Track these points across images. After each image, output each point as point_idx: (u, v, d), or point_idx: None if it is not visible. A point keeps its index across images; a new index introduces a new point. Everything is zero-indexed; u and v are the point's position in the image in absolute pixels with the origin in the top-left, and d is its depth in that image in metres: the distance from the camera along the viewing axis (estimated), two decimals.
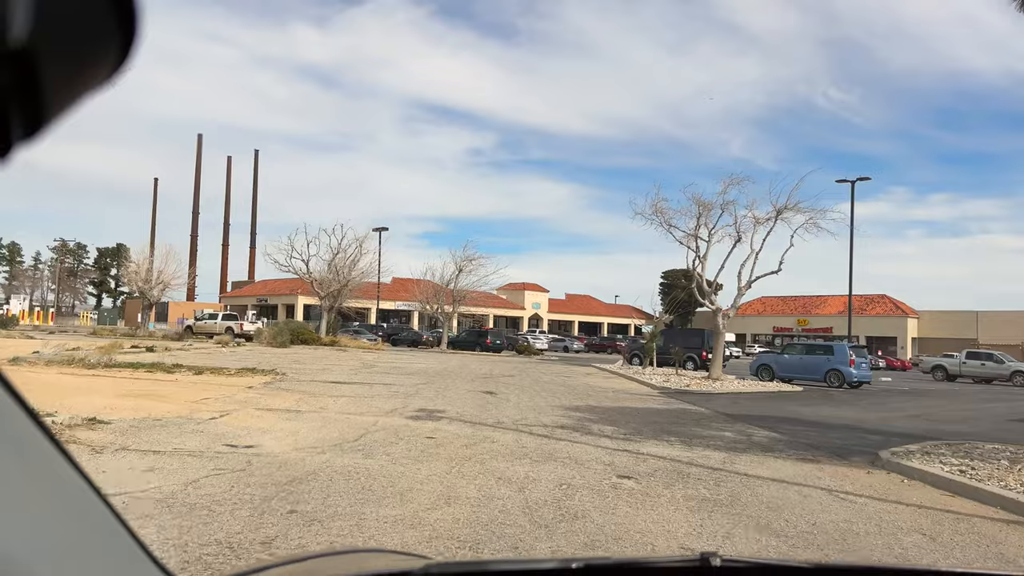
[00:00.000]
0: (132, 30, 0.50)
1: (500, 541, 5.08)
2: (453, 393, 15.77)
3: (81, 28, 0.48)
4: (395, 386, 16.63)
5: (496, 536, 5.20)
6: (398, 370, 22.49)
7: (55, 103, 0.49)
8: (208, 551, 4.49)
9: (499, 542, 5.06)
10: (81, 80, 0.50)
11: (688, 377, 24.21)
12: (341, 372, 20.28)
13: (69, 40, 0.48)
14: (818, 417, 15.49)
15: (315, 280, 40.53)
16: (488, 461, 7.95)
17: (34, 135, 0.49)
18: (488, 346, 46.98)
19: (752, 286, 23.52)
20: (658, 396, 18.56)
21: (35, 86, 0.47)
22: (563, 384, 20.79)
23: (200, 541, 4.68)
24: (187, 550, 4.49)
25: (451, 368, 25.55)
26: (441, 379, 19.77)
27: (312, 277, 40.58)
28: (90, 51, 0.50)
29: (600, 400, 16.45)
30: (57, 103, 0.49)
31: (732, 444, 10.54)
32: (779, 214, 23.09)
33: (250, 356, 25.83)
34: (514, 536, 5.22)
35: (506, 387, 18.33)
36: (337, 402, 12.90)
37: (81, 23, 0.48)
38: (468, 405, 13.58)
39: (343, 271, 39.87)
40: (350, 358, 28.31)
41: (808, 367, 27.01)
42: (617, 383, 22.72)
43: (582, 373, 27.48)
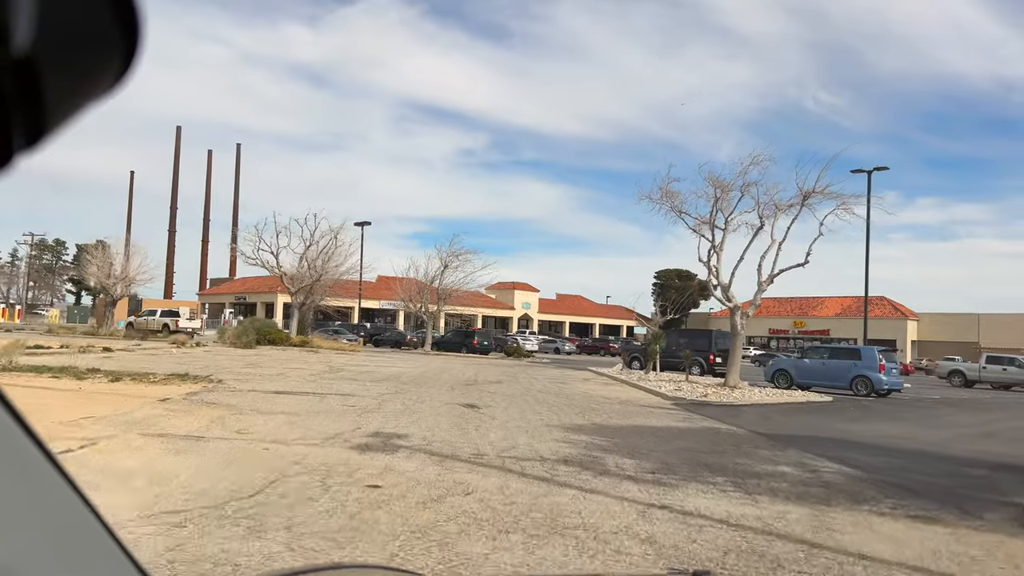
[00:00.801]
0: (135, 39, 0.50)
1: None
2: (426, 407, 12.68)
3: (84, 37, 0.48)
4: (355, 397, 13.52)
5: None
6: (367, 375, 19.37)
7: (57, 112, 0.48)
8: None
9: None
10: (83, 89, 0.50)
11: (701, 384, 21.24)
12: (297, 379, 17.15)
13: (72, 49, 0.48)
14: (875, 438, 12.53)
15: (285, 274, 37.19)
16: (456, 541, 4.87)
17: (36, 143, 0.49)
18: (475, 347, 43.85)
19: (774, 280, 20.59)
20: (674, 409, 15.54)
21: (37, 95, 0.46)
22: (559, 393, 17.74)
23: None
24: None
25: (430, 372, 22.45)
26: (415, 387, 16.67)
27: (282, 271, 37.23)
28: (93, 60, 0.50)
29: (607, 416, 13.41)
30: (59, 112, 0.49)
31: (802, 488, 7.52)
32: (805, 199, 20.16)
33: (200, 359, 22.64)
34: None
35: (492, 397, 15.26)
36: (268, 422, 9.79)
37: (84, 32, 0.48)
38: (441, 425, 10.50)
39: (316, 265, 36.51)
40: (318, 361, 25.15)
41: (832, 373, 24.11)
42: (621, 391, 19.70)
43: (578, 379, 24.45)
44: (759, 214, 20.16)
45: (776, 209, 20.39)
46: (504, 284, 78.47)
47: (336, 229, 36.86)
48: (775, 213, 20.44)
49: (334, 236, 36.77)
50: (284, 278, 37.13)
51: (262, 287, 75.29)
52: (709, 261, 20.81)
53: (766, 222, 20.15)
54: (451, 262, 44.92)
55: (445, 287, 45.08)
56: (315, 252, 36.56)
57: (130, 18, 0.49)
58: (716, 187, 20.09)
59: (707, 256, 20.88)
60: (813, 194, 20.07)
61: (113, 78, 0.51)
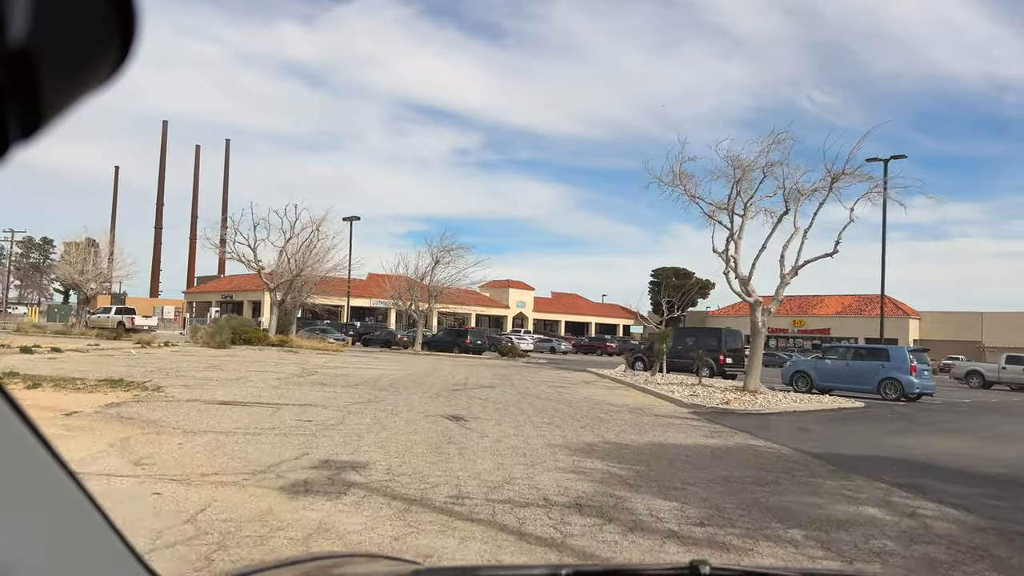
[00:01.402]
0: (131, 31, 0.50)
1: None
2: (400, 421, 10.42)
3: (80, 29, 0.48)
4: (317, 408, 11.24)
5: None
6: (341, 379, 17.09)
7: (53, 104, 0.48)
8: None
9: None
10: (80, 81, 0.50)
11: (717, 389, 19.03)
12: (259, 384, 14.86)
13: (68, 41, 0.48)
14: (941, 457, 10.35)
15: (262, 268, 34.72)
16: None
17: (32, 135, 0.48)
18: (468, 347, 41.54)
19: (798, 273, 18.39)
20: (695, 420, 13.31)
21: (33, 86, 0.46)
22: (559, 399, 15.50)
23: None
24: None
25: (416, 375, 20.19)
26: (394, 393, 14.40)
27: (260, 265, 34.77)
28: (89, 52, 0.50)
29: (619, 429, 11.17)
30: (55, 104, 0.48)
31: (919, 548, 5.30)
32: (834, 181, 17.97)
33: (157, 360, 20.32)
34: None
35: (483, 406, 13.01)
36: (185, 447, 7.52)
37: (80, 24, 0.48)
38: (416, 447, 8.25)
39: (297, 259, 34.06)
40: (293, 362, 22.84)
41: (856, 375, 21.93)
42: (628, 396, 17.48)
43: (579, 381, 22.21)
44: (784, 197, 17.98)
45: (799, 194, 18.21)
46: (499, 282, 76.26)
47: (318, 221, 34.34)
48: (798, 198, 18.26)
49: (316, 228, 34.31)
50: (262, 273, 34.71)
51: (249, 285, 72.78)
52: (727, 251, 18.59)
53: (791, 206, 17.95)
54: (442, 257, 42.60)
55: (436, 284, 42.75)
56: (296, 246, 34.07)
57: (126, 9, 0.49)
58: (736, 167, 17.89)
59: (725, 245, 18.67)
60: (843, 176, 17.88)
61: (109, 69, 0.51)
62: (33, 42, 0.44)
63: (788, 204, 18.01)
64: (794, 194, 18.16)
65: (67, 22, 0.47)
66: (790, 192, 17.94)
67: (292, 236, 34.02)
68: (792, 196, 18.01)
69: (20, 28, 0.43)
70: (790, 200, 17.96)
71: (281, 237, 34.36)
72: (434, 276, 42.89)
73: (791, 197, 17.95)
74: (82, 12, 0.48)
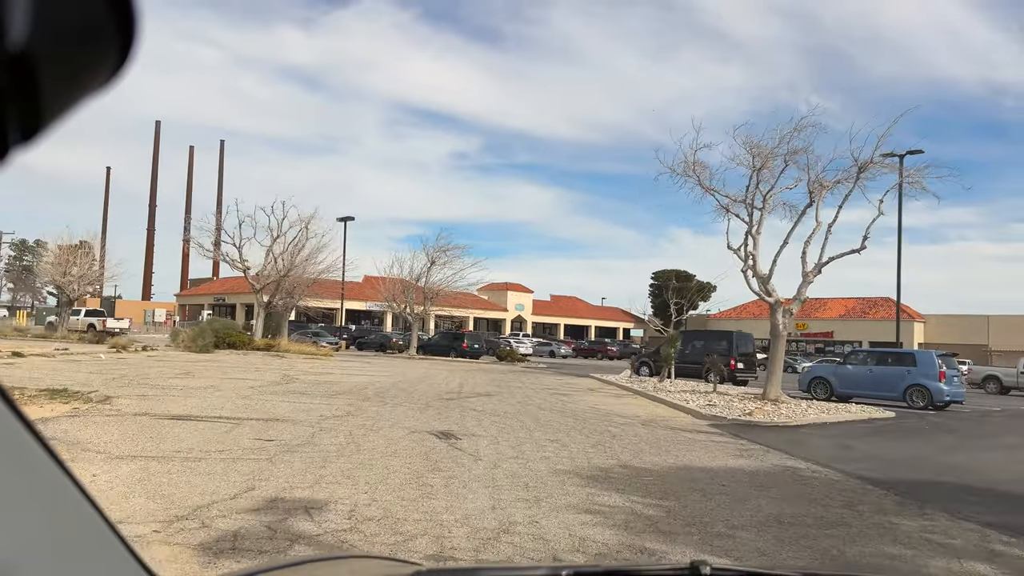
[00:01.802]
0: (131, 34, 0.50)
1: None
2: (379, 440, 8.86)
3: (80, 32, 0.48)
4: (284, 424, 9.68)
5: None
6: (323, 388, 15.54)
7: (53, 106, 0.48)
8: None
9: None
10: (79, 84, 0.50)
11: (735, 397, 17.48)
12: (229, 394, 13.32)
13: (68, 44, 0.47)
14: (1013, 482, 8.85)
15: (248, 269, 33.09)
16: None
17: (31, 138, 0.48)
18: (464, 351, 39.98)
19: (822, 271, 16.86)
20: (718, 435, 11.77)
21: (33, 89, 0.46)
22: (564, 410, 13.96)
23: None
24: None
25: (407, 382, 18.65)
26: (378, 404, 12.85)
27: (246, 265, 33.13)
28: (88, 55, 0.49)
29: (636, 448, 9.62)
30: (55, 106, 0.48)
31: None
32: (860, 171, 16.46)
33: (126, 367, 18.76)
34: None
35: (478, 420, 11.47)
36: (100, 478, 5.95)
37: (80, 27, 0.48)
38: (392, 478, 6.70)
39: (284, 259, 32.44)
40: (275, 368, 21.29)
41: (880, 382, 20.41)
42: (638, 406, 15.94)
43: (583, 388, 20.68)
44: (808, 187, 16.41)
45: (821, 186, 16.68)
46: (496, 285, 74.74)
47: (307, 219, 32.65)
48: (821, 190, 16.73)
49: (304, 227, 32.64)
50: (248, 274, 33.08)
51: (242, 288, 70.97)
52: (745, 247, 17.03)
53: (815, 197, 16.37)
54: (438, 258, 41.02)
55: (432, 285, 41.17)
56: (283, 245, 32.44)
57: (126, 11, 0.49)
58: (755, 155, 16.38)
59: (743, 241, 17.11)
60: (871, 165, 16.37)
61: (109, 72, 0.50)
62: (33, 45, 0.44)
63: (812, 195, 16.46)
64: (817, 185, 16.64)
65: (67, 25, 0.46)
66: (814, 182, 16.40)
67: (280, 235, 32.43)
68: (816, 187, 16.48)
69: (20, 31, 0.43)
70: (815, 191, 16.41)
71: (268, 236, 32.70)
72: (430, 277, 41.34)
73: (815, 188, 16.40)
74: (82, 15, 0.47)
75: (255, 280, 33.01)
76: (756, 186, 16.96)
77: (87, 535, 0.73)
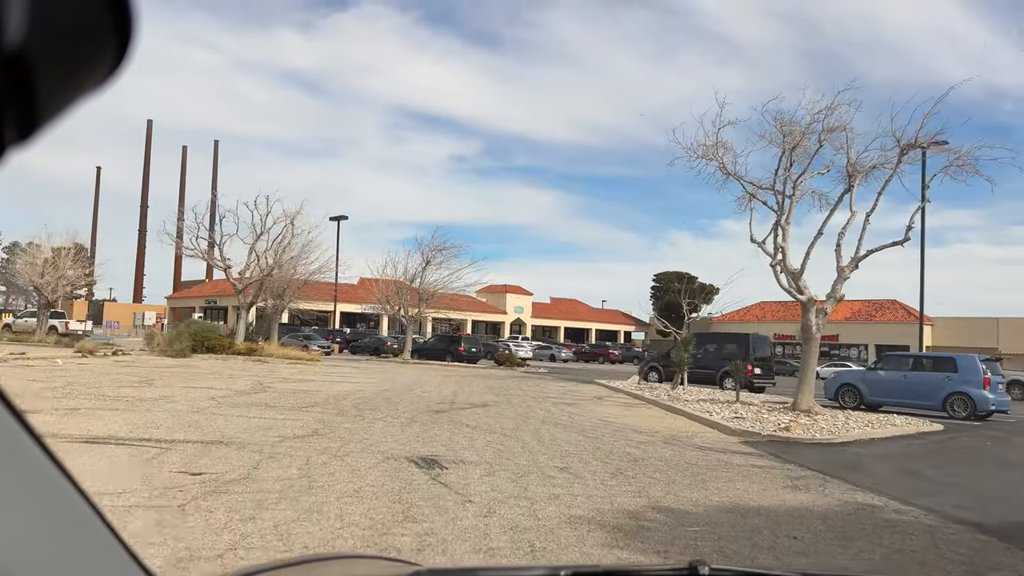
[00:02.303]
0: (127, 34, 0.50)
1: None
2: (342, 471, 6.95)
3: (76, 31, 0.48)
4: (226, 448, 7.76)
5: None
6: (295, 399, 13.63)
7: (49, 106, 0.48)
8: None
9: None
10: (76, 83, 0.50)
11: (761, 407, 15.56)
12: (181, 406, 11.42)
13: (64, 43, 0.47)
14: None
15: (229, 267, 31.14)
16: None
17: (28, 138, 0.49)
18: (461, 355, 38.02)
19: (859, 266, 14.98)
20: (758, 457, 9.85)
21: (29, 89, 0.46)
22: (571, 424, 12.07)
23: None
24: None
25: (394, 390, 16.75)
26: (354, 419, 10.95)
27: (227, 264, 31.20)
28: (85, 55, 0.49)
29: (666, 479, 7.72)
30: (51, 106, 0.49)
31: None
32: (903, 153, 14.60)
33: (81, 373, 16.85)
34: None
35: (470, 439, 9.57)
36: None
37: (76, 26, 0.48)
38: (339, 541, 4.80)
39: (268, 257, 30.51)
40: (250, 375, 19.39)
41: (916, 389, 18.51)
42: (655, 418, 14.04)
43: (589, 396, 18.78)
44: (847, 170, 14.51)
45: (855, 171, 14.80)
46: (495, 287, 72.87)
47: (292, 215, 30.64)
48: (858, 174, 14.85)
49: (290, 222, 30.65)
50: (228, 273, 31.13)
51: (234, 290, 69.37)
52: (775, 238, 15.13)
53: (854, 180, 14.46)
54: (434, 258, 39.13)
55: (427, 286, 39.25)
56: (267, 242, 30.49)
57: (122, 11, 0.49)
58: (786, 134, 14.51)
59: (772, 231, 15.21)
60: (915, 146, 14.52)
61: (106, 72, 0.50)
62: (29, 44, 0.44)
63: (852, 178, 14.56)
64: (855, 169, 14.77)
65: (63, 24, 0.46)
66: (852, 165, 14.51)
67: (263, 232, 30.47)
68: (854, 170, 14.59)
69: (16, 30, 0.43)
70: (854, 174, 14.51)
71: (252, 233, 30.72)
72: (425, 278, 39.44)
73: (854, 171, 14.51)
74: (78, 15, 0.47)
75: (237, 280, 31.03)
76: (788, 168, 15.06)
77: (85, 535, 0.72)
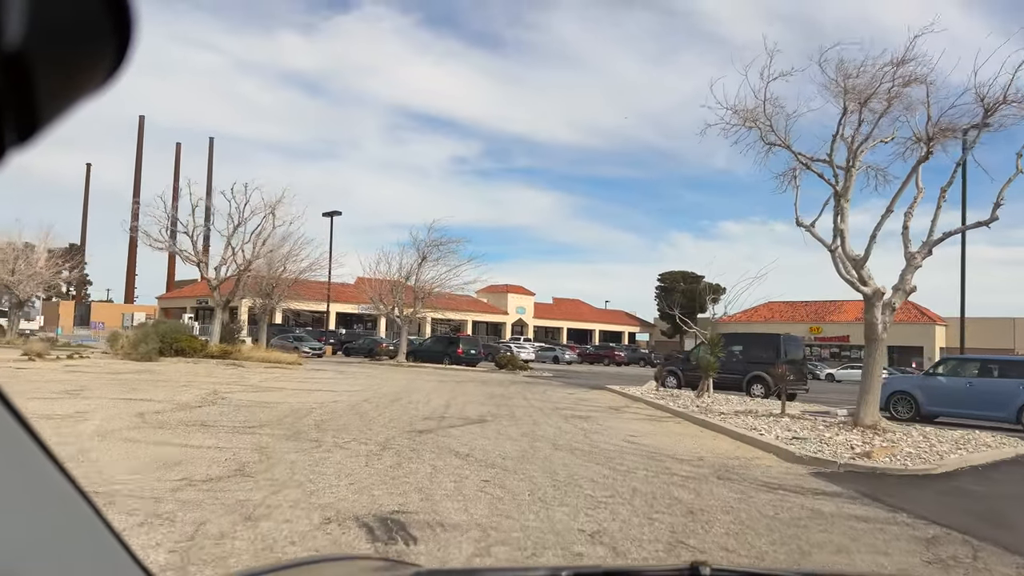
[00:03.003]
0: (127, 35, 0.50)
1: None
2: (242, 549, 4.36)
3: (76, 32, 0.48)
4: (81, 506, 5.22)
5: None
6: (248, 414, 11.01)
7: (49, 107, 0.48)
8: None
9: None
10: (76, 85, 0.50)
11: (814, 421, 12.92)
12: (89, 427, 8.82)
13: (64, 44, 0.47)
14: None
15: (202, 262, 28.50)
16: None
17: (28, 139, 0.48)
18: (459, 357, 35.43)
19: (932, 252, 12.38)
20: (857, 504, 7.22)
21: (29, 90, 0.46)
22: (592, 450, 9.44)
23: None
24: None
25: (376, 401, 14.15)
26: (307, 446, 8.32)
27: (200, 258, 28.56)
28: (85, 56, 0.49)
29: (750, 547, 5.12)
30: (51, 107, 0.48)
31: None
32: (988, 114, 12.01)
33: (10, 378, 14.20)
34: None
35: (458, 479, 6.96)
36: None
37: (76, 27, 0.48)
38: None
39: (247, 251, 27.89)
40: (213, 382, 16.79)
41: (983, 398, 15.91)
42: (689, 437, 11.42)
43: (604, 407, 16.16)
44: (927, 132, 11.85)
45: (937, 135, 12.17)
46: (496, 287, 70.34)
47: (272, 204, 28.01)
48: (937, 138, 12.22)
49: (270, 212, 28.02)
50: (202, 268, 28.49)
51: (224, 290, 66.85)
52: (835, 218, 12.49)
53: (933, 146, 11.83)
54: (430, 253, 36.53)
55: (423, 284, 36.64)
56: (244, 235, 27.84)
57: (122, 11, 0.49)
58: (849, 89, 11.88)
59: (834, 208, 12.52)
60: (1004, 103, 11.91)
61: (105, 73, 0.50)
62: (28, 45, 0.43)
63: (932, 143, 11.89)
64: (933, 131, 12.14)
65: (62, 25, 0.46)
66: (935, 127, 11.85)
67: (240, 223, 27.84)
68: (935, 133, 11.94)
69: (15, 31, 0.43)
70: (935, 137, 11.85)
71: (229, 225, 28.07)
72: (421, 275, 36.83)
73: (936, 134, 11.85)
74: (78, 16, 0.46)
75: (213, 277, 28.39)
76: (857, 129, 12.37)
77: (87, 537, 0.71)
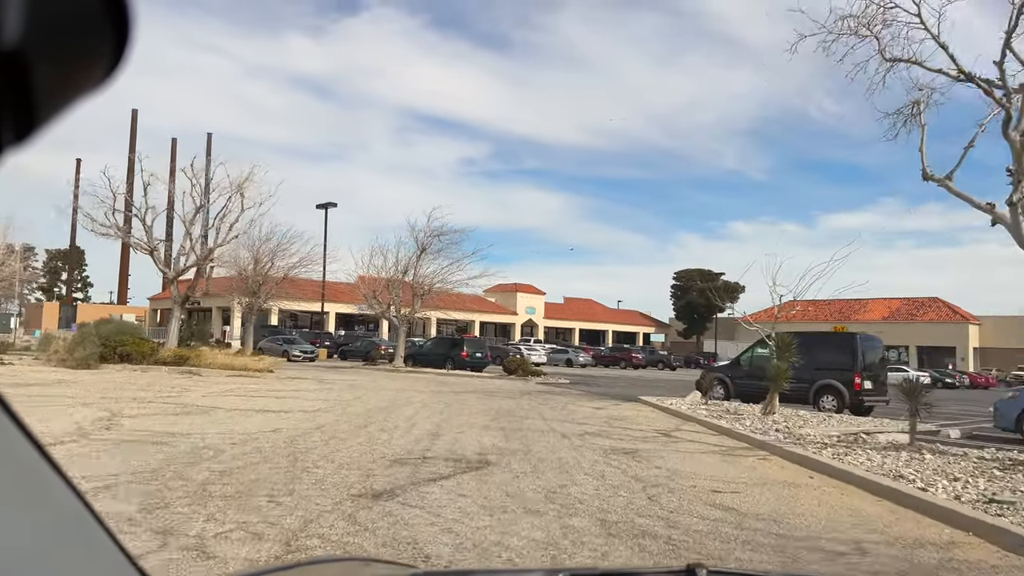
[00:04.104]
0: (125, 33, 0.50)
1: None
2: None
3: (74, 31, 0.48)
4: None
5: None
6: (128, 456, 7.07)
7: (47, 106, 0.48)
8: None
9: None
10: (73, 83, 0.50)
11: (966, 455, 8.86)
12: None
13: (62, 43, 0.47)
14: None
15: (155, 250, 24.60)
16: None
17: (25, 138, 0.48)
18: (463, 361, 31.46)
19: None
20: None
21: (27, 89, 0.46)
22: (670, 525, 5.46)
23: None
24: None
25: (340, 425, 10.21)
26: (157, 538, 4.42)
27: (154, 247, 24.67)
28: (83, 54, 0.49)
29: None
30: (49, 106, 0.48)
31: None
32: None
33: None
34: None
35: None
36: None
37: (74, 26, 0.48)
38: None
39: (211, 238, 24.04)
40: (134, 396, 12.88)
41: None
42: (805, 491, 7.44)
43: (650, 431, 12.14)
44: None
45: None
46: (505, 286, 66.44)
47: (240, 182, 23.88)
48: None
49: (237, 192, 23.99)
50: (155, 257, 24.60)
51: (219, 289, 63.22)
52: (1018, 164, 8.48)
53: None
54: (430, 244, 32.65)
55: (422, 279, 32.75)
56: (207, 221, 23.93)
57: (120, 10, 0.48)
58: None
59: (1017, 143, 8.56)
60: None
61: (104, 71, 0.50)
62: (26, 43, 0.43)
63: None
64: None
65: (60, 23, 0.45)
66: None
67: (202, 205, 23.91)
68: None
69: (13, 29, 0.42)
70: None
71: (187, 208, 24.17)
72: (420, 269, 32.95)
73: None
74: (76, 13, 0.46)
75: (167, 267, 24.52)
76: None
77: (84, 540, 0.71)
